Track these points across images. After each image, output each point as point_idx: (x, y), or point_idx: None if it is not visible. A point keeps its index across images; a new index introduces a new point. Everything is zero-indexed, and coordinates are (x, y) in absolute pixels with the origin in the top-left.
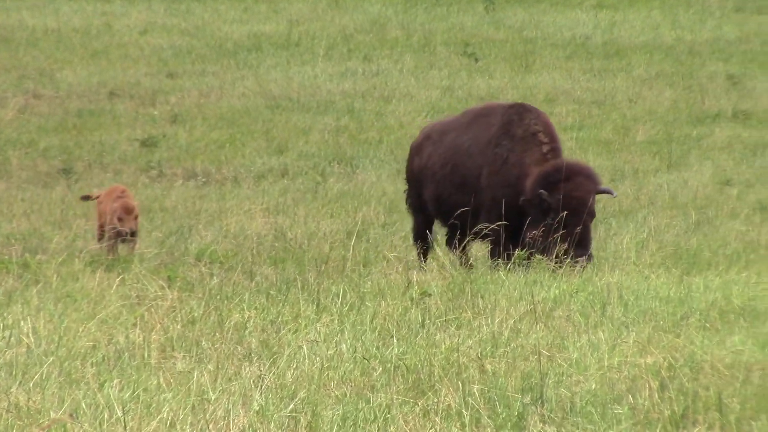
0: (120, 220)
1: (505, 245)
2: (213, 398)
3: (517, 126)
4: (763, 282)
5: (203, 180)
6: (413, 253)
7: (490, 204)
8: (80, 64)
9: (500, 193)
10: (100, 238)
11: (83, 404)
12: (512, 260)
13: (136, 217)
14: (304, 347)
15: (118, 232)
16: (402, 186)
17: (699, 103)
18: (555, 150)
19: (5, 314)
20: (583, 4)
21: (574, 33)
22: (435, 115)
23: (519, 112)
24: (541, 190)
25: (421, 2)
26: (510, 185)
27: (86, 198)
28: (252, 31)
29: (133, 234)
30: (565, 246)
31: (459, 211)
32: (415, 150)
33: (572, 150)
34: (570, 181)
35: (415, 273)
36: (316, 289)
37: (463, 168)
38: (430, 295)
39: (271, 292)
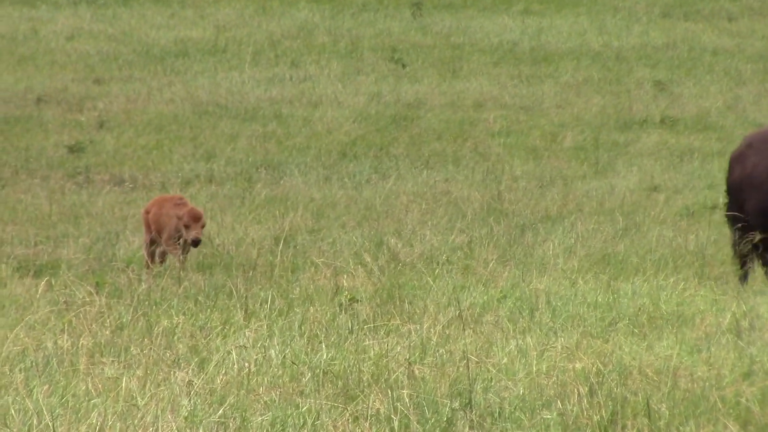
0: (187, 227)
1: None
2: (142, 404)
3: None
4: (690, 287)
5: (130, 186)
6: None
7: None
8: (6, 70)
9: None
10: (150, 250)
11: (12, 410)
12: None
13: (203, 225)
14: (233, 353)
15: (188, 241)
16: None
17: (626, 109)
18: None
19: None
20: (510, 10)
21: (502, 39)
22: (362, 121)
23: None
24: None
25: (348, 8)
26: None
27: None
28: (179, 36)
29: (197, 243)
30: None
31: None
32: (736, 159)
33: (500, 156)
34: None
35: (344, 278)
36: (244, 295)
37: None
38: (358, 300)
39: (200, 298)
